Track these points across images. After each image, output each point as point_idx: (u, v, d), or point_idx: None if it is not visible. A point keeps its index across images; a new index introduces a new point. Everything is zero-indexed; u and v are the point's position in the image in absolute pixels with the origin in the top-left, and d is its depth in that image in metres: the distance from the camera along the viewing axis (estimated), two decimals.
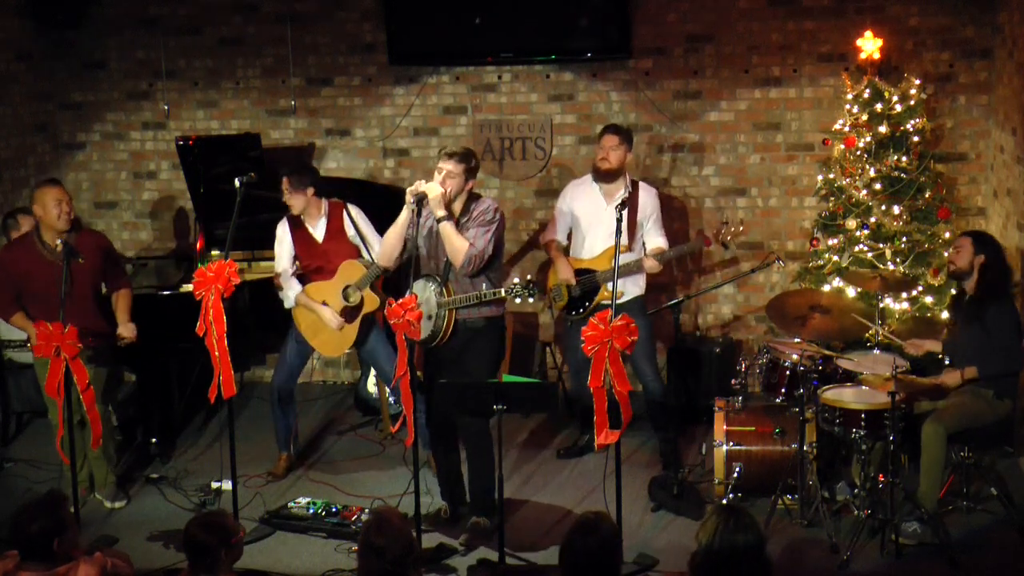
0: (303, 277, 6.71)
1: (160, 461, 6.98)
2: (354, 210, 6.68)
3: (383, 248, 5.98)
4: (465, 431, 5.91)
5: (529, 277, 5.57)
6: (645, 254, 6.59)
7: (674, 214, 7.82)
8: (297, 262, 6.72)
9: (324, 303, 6.58)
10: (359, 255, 6.62)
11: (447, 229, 5.67)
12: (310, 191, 6.59)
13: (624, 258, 6.38)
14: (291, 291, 6.68)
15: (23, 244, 6.31)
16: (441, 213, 5.67)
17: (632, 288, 6.63)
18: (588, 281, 6.67)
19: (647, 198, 6.71)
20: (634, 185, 6.72)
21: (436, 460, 6.24)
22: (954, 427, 5.72)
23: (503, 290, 5.64)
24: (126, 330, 6.39)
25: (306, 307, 6.63)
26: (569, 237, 6.93)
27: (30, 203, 6.34)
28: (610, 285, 6.55)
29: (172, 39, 8.38)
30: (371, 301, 6.53)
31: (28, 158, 8.29)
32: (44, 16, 8.20)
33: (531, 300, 5.59)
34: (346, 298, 6.52)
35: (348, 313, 6.56)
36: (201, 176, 7.50)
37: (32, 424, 7.52)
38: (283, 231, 6.72)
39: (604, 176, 6.68)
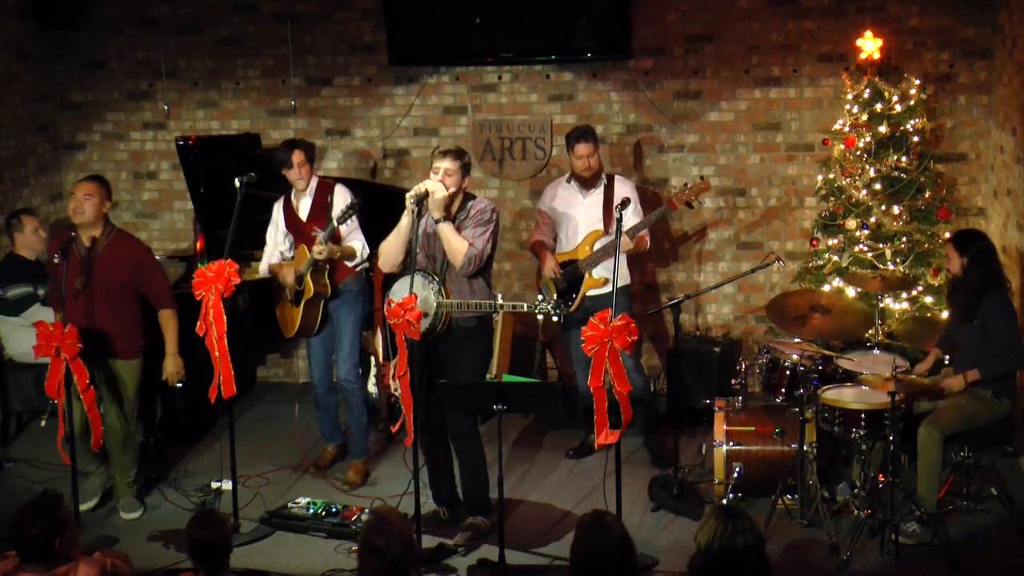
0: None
1: (160, 461, 6.98)
2: (339, 191, 6.66)
3: (384, 254, 5.90)
4: (454, 430, 5.88)
5: (555, 296, 5.63)
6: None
7: (673, 214, 7.81)
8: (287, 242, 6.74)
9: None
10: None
11: (446, 230, 5.67)
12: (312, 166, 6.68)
13: (600, 242, 6.62)
14: (265, 260, 6.73)
15: (59, 236, 6.23)
16: (439, 215, 5.66)
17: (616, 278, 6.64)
18: (572, 271, 6.71)
19: (623, 188, 6.81)
20: (609, 179, 6.84)
21: (435, 461, 6.22)
22: (950, 429, 5.72)
23: (525, 305, 5.69)
24: (171, 363, 6.16)
25: (275, 272, 6.66)
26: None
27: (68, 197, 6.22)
28: (594, 272, 6.68)
29: (172, 39, 8.38)
30: (307, 289, 6.53)
31: (28, 158, 8.29)
32: (44, 16, 8.20)
33: (555, 318, 5.66)
34: (298, 282, 6.55)
35: (295, 297, 6.59)
36: (201, 176, 7.49)
37: (32, 424, 7.52)
38: (278, 212, 6.72)
39: (585, 182, 6.79)
